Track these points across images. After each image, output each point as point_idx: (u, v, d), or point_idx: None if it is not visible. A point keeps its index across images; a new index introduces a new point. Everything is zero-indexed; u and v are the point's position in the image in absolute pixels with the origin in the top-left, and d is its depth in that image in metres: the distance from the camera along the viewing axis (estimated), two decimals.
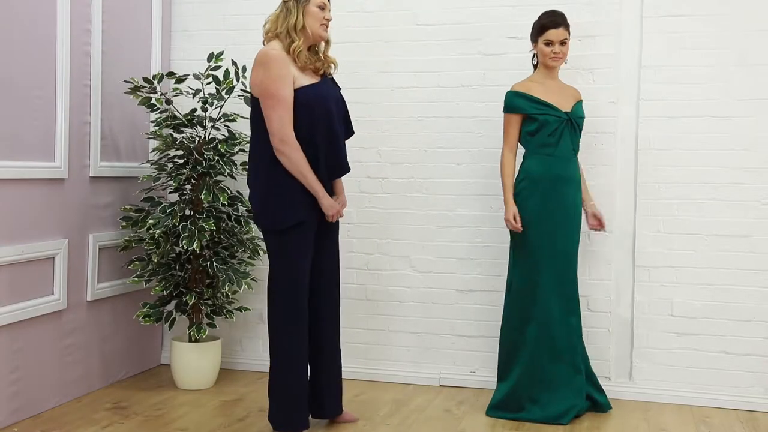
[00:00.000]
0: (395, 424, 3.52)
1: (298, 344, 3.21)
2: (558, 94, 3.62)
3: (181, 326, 4.21)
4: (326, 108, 3.15)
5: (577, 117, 3.60)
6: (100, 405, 3.71)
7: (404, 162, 4.20)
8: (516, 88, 3.62)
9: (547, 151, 3.56)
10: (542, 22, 3.58)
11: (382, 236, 4.24)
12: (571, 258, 3.61)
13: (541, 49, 3.58)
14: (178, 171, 3.90)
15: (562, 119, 3.55)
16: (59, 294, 3.66)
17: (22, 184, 3.43)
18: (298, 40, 3.11)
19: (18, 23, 3.39)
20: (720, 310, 3.85)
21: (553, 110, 3.55)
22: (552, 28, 3.55)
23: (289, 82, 3.07)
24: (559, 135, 3.55)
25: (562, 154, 3.56)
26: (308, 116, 3.11)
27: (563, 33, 3.56)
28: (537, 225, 3.55)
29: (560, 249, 3.56)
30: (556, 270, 3.56)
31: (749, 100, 3.81)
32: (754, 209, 3.81)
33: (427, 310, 4.19)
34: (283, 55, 3.10)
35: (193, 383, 4.00)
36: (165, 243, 3.86)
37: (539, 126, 3.55)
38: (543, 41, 3.57)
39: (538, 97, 3.56)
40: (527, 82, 3.65)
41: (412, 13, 4.18)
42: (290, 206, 3.12)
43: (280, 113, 3.06)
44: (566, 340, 3.57)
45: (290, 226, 3.12)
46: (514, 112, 3.60)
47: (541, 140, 3.56)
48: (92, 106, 3.85)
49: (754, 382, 3.81)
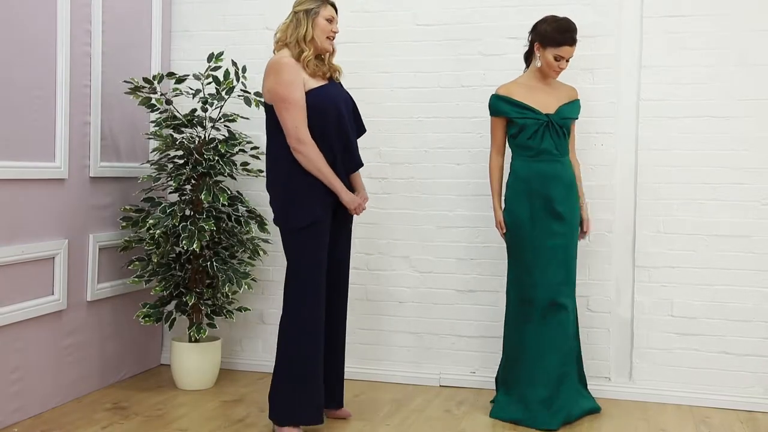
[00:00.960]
0: (395, 424, 3.52)
1: (314, 342, 3.25)
2: (545, 95, 3.59)
3: (181, 326, 4.21)
4: (337, 108, 3.27)
5: (560, 119, 3.56)
6: (100, 405, 3.71)
7: (404, 162, 4.20)
8: (499, 91, 3.63)
9: (528, 153, 3.56)
10: (560, 36, 3.48)
11: (382, 236, 4.24)
12: (565, 258, 3.58)
13: (548, 60, 3.53)
14: (178, 171, 3.90)
15: (542, 121, 3.53)
16: (59, 294, 3.66)
17: (22, 184, 3.43)
18: (307, 50, 3.25)
19: (18, 23, 3.39)
20: (720, 310, 3.85)
21: (533, 113, 3.54)
22: (568, 45, 3.50)
23: (300, 86, 3.20)
24: (540, 137, 3.54)
25: (544, 156, 3.54)
26: (320, 117, 3.23)
27: (574, 50, 3.54)
28: (527, 227, 3.55)
29: (552, 248, 3.54)
30: (549, 270, 3.54)
31: (749, 100, 3.81)
32: (754, 209, 3.81)
33: (427, 311, 4.20)
34: (293, 62, 3.23)
35: (193, 383, 4.00)
36: (165, 243, 3.86)
37: (519, 129, 3.56)
38: (554, 54, 3.51)
39: (519, 99, 3.56)
40: (511, 84, 3.64)
41: (412, 13, 4.18)
42: (307, 206, 3.23)
43: (294, 114, 3.18)
44: (562, 340, 3.56)
45: (306, 225, 3.22)
46: (497, 116, 3.62)
47: (521, 143, 3.57)
48: (92, 106, 3.85)
49: (754, 382, 3.81)
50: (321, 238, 3.26)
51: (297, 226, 3.23)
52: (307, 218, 3.22)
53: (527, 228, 3.55)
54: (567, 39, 3.50)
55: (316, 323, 3.25)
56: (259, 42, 4.33)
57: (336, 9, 3.35)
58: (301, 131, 3.18)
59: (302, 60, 3.24)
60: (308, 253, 3.24)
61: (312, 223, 3.22)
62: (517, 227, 3.58)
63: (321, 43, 3.27)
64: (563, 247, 3.56)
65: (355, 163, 3.41)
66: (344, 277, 3.50)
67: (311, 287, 3.24)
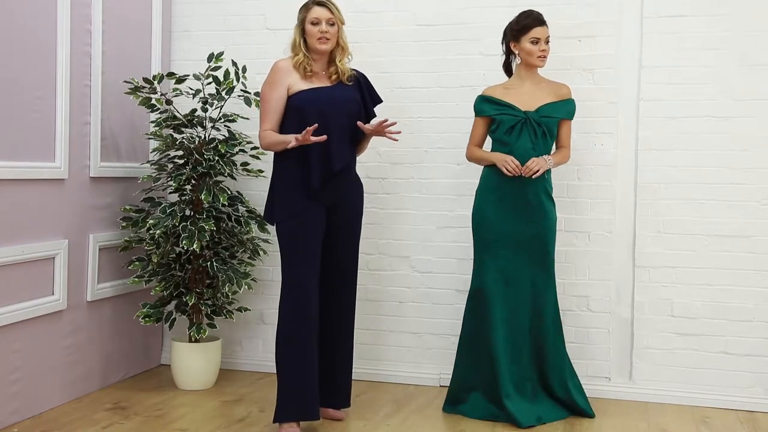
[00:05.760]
0: (395, 424, 3.52)
1: (300, 337, 3.25)
2: (529, 94, 3.61)
3: (181, 326, 4.21)
4: (320, 110, 3.28)
5: (539, 117, 3.57)
6: (100, 405, 3.71)
7: (404, 162, 4.20)
8: (484, 92, 3.68)
9: (504, 149, 3.58)
10: (524, 22, 3.56)
11: (382, 236, 4.24)
12: (537, 256, 3.57)
13: (527, 48, 3.56)
14: (178, 171, 3.90)
15: (520, 118, 3.56)
16: (59, 294, 3.66)
17: (22, 184, 3.43)
18: (298, 55, 3.37)
19: (18, 24, 3.39)
20: (720, 310, 3.85)
21: (511, 109, 3.57)
22: (538, 26, 3.55)
23: (279, 86, 3.33)
24: (517, 134, 3.56)
25: (519, 152, 3.54)
26: (299, 118, 3.29)
27: (547, 30, 3.57)
28: (494, 224, 3.56)
29: (522, 244, 3.55)
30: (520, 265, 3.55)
31: (749, 100, 3.81)
32: (754, 209, 3.81)
33: (427, 311, 4.19)
34: (282, 65, 3.37)
35: (193, 383, 4.00)
36: (165, 243, 3.86)
37: (497, 125, 3.60)
38: (529, 40, 3.55)
39: (499, 98, 3.61)
40: (496, 86, 3.69)
41: (412, 13, 4.18)
42: (286, 199, 3.32)
43: (262, 111, 3.37)
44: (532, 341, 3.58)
45: (285, 218, 3.31)
46: (478, 115, 3.67)
47: (498, 137, 3.62)
48: (92, 106, 3.85)
49: (754, 382, 3.81)
50: (303, 231, 3.30)
51: (278, 219, 3.34)
52: (286, 211, 3.31)
53: (494, 225, 3.56)
54: (533, 21, 3.56)
55: (300, 316, 3.26)
56: (259, 42, 4.33)
57: (326, 6, 3.35)
58: (260, 126, 3.36)
59: (295, 63, 3.35)
60: (291, 246, 3.30)
61: (291, 216, 3.29)
62: (484, 224, 3.59)
63: (312, 45, 3.34)
64: (531, 244, 3.56)
65: (329, 168, 3.29)
66: (347, 279, 3.48)
67: (294, 280, 3.28)
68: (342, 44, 3.39)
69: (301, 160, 3.28)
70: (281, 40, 4.21)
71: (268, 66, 3.43)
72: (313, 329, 3.29)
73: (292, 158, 3.28)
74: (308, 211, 3.30)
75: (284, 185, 3.33)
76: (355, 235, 3.48)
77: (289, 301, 3.28)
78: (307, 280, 3.28)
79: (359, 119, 3.37)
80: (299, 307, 3.27)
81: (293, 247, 3.30)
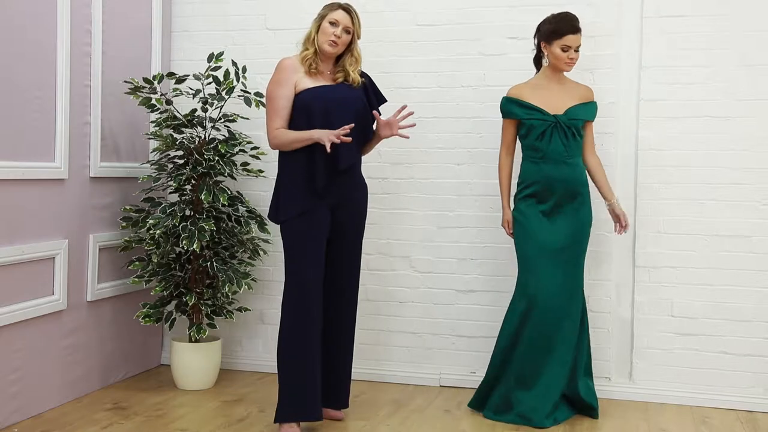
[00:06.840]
0: (395, 424, 3.52)
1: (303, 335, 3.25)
2: (556, 96, 3.60)
3: (181, 326, 4.21)
4: (325, 109, 3.29)
5: (569, 119, 3.56)
6: (100, 405, 3.71)
7: (404, 162, 4.20)
8: (510, 93, 3.64)
9: (537, 154, 3.57)
10: (560, 26, 3.52)
11: (382, 236, 4.24)
12: (572, 260, 3.58)
13: (556, 53, 3.54)
14: (178, 171, 3.90)
15: (549, 122, 3.54)
16: (59, 294, 3.66)
17: (22, 184, 3.43)
18: (308, 49, 3.37)
19: (18, 23, 3.39)
20: (720, 310, 3.85)
21: (541, 114, 3.55)
22: (571, 34, 3.51)
23: (285, 85, 3.32)
24: (548, 138, 3.55)
25: (552, 157, 3.54)
26: (305, 116, 3.29)
27: (580, 38, 3.55)
28: (533, 227, 3.56)
29: (558, 250, 3.55)
30: (555, 271, 3.54)
31: (749, 100, 3.81)
32: (754, 209, 3.81)
33: (427, 311, 4.19)
34: (289, 63, 3.36)
35: (193, 383, 4.00)
36: (165, 243, 3.86)
37: (528, 130, 3.58)
38: (560, 46, 3.53)
39: (528, 101, 3.57)
40: (522, 85, 3.65)
41: (412, 13, 4.18)
42: (291, 198, 3.31)
43: (269, 110, 3.35)
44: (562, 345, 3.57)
45: (291, 216, 3.29)
46: (507, 117, 3.65)
47: (530, 143, 3.59)
48: (92, 106, 3.85)
49: (754, 382, 3.81)
50: (309, 230, 3.30)
51: (285, 218, 3.32)
52: (293, 210, 3.29)
53: (533, 229, 3.56)
54: (569, 28, 3.52)
55: (303, 316, 3.26)
56: (259, 42, 4.33)
57: (349, 12, 3.35)
58: (269, 125, 3.33)
59: (302, 58, 3.34)
60: (297, 245, 3.29)
61: (298, 215, 3.28)
62: (523, 228, 3.58)
63: (320, 44, 3.33)
64: (567, 250, 3.57)
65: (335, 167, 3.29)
66: (349, 280, 3.47)
67: (298, 279, 3.27)
68: (356, 56, 3.41)
69: (309, 159, 3.28)
70: (281, 40, 4.24)
71: (268, 66, 3.44)
72: (316, 329, 3.29)
73: (300, 157, 3.29)
74: (314, 211, 3.30)
75: (292, 184, 3.32)
76: (358, 235, 3.48)
77: (293, 300, 3.28)
78: (312, 279, 3.28)
79: (365, 119, 3.39)
80: (303, 306, 3.27)
81: (299, 246, 3.30)
